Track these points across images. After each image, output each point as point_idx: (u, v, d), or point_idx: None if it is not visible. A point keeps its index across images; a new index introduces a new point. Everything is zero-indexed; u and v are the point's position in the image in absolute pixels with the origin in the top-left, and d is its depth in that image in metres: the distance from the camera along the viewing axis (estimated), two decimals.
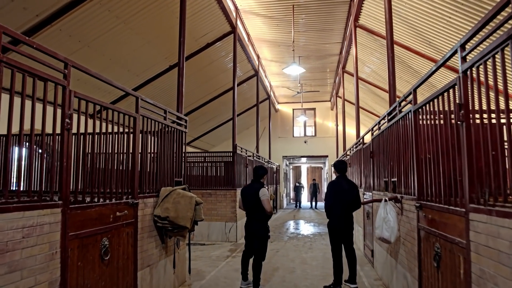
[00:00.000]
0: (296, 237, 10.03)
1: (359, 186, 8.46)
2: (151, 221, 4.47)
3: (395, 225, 4.25)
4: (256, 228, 4.94)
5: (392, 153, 4.89)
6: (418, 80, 3.75)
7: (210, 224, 9.31)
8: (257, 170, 5.11)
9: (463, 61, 2.59)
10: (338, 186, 5.18)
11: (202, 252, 7.93)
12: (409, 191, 4.04)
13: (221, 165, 9.83)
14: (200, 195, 9.39)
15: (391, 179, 4.96)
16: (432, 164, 3.25)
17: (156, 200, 4.62)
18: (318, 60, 14.33)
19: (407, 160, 4.11)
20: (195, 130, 17.10)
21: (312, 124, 21.44)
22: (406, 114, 4.06)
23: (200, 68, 11.51)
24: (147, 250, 4.34)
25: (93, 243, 3.28)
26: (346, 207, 5.13)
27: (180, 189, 4.75)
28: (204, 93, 13.52)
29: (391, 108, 4.94)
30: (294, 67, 10.12)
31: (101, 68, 8.59)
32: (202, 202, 4.76)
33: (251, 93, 16.08)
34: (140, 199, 4.20)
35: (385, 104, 14.38)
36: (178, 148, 5.54)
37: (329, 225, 5.22)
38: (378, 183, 5.97)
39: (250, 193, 4.98)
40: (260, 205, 4.88)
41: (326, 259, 7.17)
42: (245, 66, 13.29)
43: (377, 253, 6.00)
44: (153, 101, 4.59)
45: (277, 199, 18.76)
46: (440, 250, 3.03)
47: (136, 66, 9.60)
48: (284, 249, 8.29)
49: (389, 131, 5.02)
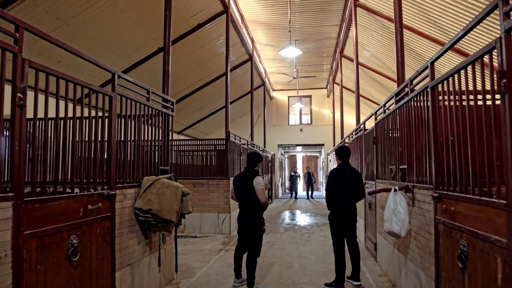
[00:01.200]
0: (292, 229, 9.61)
1: None
2: (132, 215, 3.97)
3: (406, 217, 3.79)
4: (250, 221, 4.47)
5: (401, 138, 4.40)
6: (432, 56, 3.25)
7: (202, 216, 8.84)
8: (251, 156, 4.61)
9: (505, 18, 2.08)
10: (341, 174, 4.70)
11: (193, 246, 7.47)
12: (423, 180, 3.57)
13: (213, 153, 9.33)
14: (192, 185, 8.91)
15: (399, 166, 4.49)
16: (457, 148, 2.77)
17: (138, 191, 4.11)
18: (315, 44, 13.74)
19: (421, 144, 3.63)
20: (188, 118, 16.52)
21: (307, 112, 20.93)
22: (421, 92, 3.56)
23: (191, 52, 10.90)
24: (127, 247, 3.84)
25: (57, 242, 2.77)
26: (349, 198, 4.67)
27: (165, 179, 4.25)
28: (196, 79, 12.92)
29: (401, 87, 4.45)
30: (290, 48, 9.55)
31: (83, 50, 7.93)
32: (190, 192, 4.26)
33: (245, 79, 15.50)
34: (118, 190, 3.69)
35: (384, 91, 13.89)
36: (164, 133, 5.01)
37: (331, 217, 4.76)
38: (383, 171, 5.51)
39: (244, 182, 4.49)
40: (254, 195, 4.40)
41: (325, 252, 6.74)
42: (238, 50, 12.69)
43: (381, 247, 5.57)
44: (133, 79, 4.05)
45: (272, 189, 18.34)
46: (467, 248, 2.56)
47: (122, 48, 8.98)
48: (281, 241, 7.85)
49: (398, 113, 4.53)
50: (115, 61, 9.12)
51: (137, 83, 4.12)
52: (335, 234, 4.73)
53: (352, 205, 4.73)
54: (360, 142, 7.64)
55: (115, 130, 3.65)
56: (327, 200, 4.76)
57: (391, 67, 11.56)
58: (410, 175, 4.04)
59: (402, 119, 4.33)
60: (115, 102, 3.63)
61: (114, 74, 3.68)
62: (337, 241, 4.71)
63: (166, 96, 5.18)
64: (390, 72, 12.03)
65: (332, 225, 4.75)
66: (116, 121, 3.70)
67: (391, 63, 11.22)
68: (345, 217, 4.67)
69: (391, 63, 11.27)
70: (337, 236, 4.71)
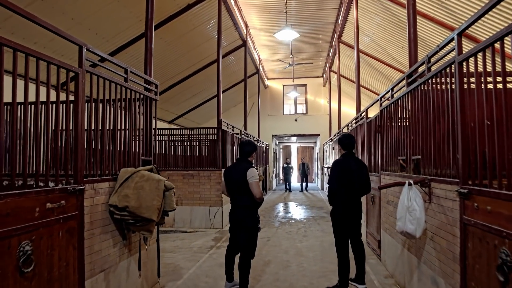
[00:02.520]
0: (288, 222, 9.14)
1: None
2: (106, 213, 3.43)
3: (421, 215, 3.30)
4: (243, 218, 3.94)
5: (414, 125, 3.89)
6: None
7: (192, 209, 8.33)
8: (244, 146, 4.07)
9: None
10: (345, 165, 4.18)
11: (182, 242, 6.96)
12: (445, 172, 3.07)
13: (205, 143, 8.78)
14: (181, 177, 8.37)
15: (411, 156, 3.99)
16: (496, 134, 2.26)
17: (113, 185, 3.56)
18: (311, 29, 13.13)
19: (441, 131, 3.12)
20: (179, 107, 15.90)
21: (303, 101, 20.38)
22: (443, 69, 3.04)
23: (181, 35, 10.24)
24: (100, 250, 3.31)
25: (3, 250, 2.23)
26: (355, 192, 4.17)
27: (145, 171, 3.70)
28: (186, 64, 12.27)
29: (415, 67, 3.92)
30: (286, 31, 8.94)
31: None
32: (173, 187, 3.72)
33: (238, 67, 14.87)
34: (87, 184, 3.13)
35: (383, 79, 13.38)
36: (146, 119, 4.45)
37: (334, 214, 4.26)
38: (389, 162, 5.01)
39: (236, 174, 3.96)
40: (247, 189, 3.87)
41: (324, 249, 6.27)
42: (231, 34, 12.04)
43: (386, 245, 5.10)
44: (106, 54, 3.47)
45: (267, 180, 17.87)
46: (511, 258, 2.07)
47: (105, 29, 8.32)
48: (276, 237, 7.37)
49: (410, 97, 4.01)
50: (98, 43, 8.46)
51: (112, 60, 3.54)
52: (338, 233, 4.23)
53: (357, 200, 4.24)
54: (362, 132, 7.13)
55: (83, 114, 3.08)
56: (329, 194, 4.24)
57: (392, 53, 11.03)
58: (425, 167, 3.54)
59: (416, 103, 3.82)
60: (82, 81, 3.06)
61: (82, 47, 3.09)
62: (340, 240, 4.21)
63: (149, 78, 4.60)
64: (390, 59, 11.51)
65: (334, 222, 4.25)
66: (85, 104, 3.13)
67: (392, 48, 10.68)
68: (350, 214, 4.17)
69: (391, 49, 10.74)
70: (340, 235, 4.22)
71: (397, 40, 9.97)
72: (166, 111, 15.40)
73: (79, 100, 3.04)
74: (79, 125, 3.03)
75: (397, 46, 10.31)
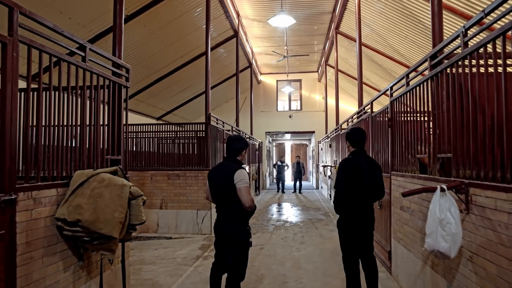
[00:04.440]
0: (283, 226, 8.40)
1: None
2: (52, 229, 2.65)
3: (458, 230, 2.58)
4: (230, 232, 3.19)
5: (441, 116, 3.18)
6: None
7: (178, 213, 7.55)
8: (232, 142, 3.31)
9: None
10: (355, 165, 3.46)
11: (165, 251, 6.19)
12: (492, 175, 2.35)
13: (192, 140, 8.00)
14: (166, 177, 7.59)
15: (437, 154, 3.27)
16: None
17: (64, 192, 2.78)
18: (306, 20, 12.38)
19: (487, 123, 2.40)
20: (167, 102, 15.06)
21: (297, 97, 19.65)
22: (492, 41, 2.31)
23: (167, 22, 9.41)
24: (42, 279, 2.53)
25: None
26: (367, 197, 3.45)
27: (106, 173, 2.92)
28: (173, 56, 11.44)
29: (442, 44, 3.19)
30: (281, 17, 8.17)
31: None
32: (142, 194, 2.95)
33: (230, 60, 14.08)
34: (21, 193, 2.36)
35: (385, 74, 12.70)
36: (114, 110, 3.67)
37: (342, 225, 3.53)
38: (403, 161, 4.30)
39: (221, 177, 3.20)
40: (235, 195, 3.12)
41: (325, 259, 5.55)
42: (222, 24, 11.24)
43: (398, 257, 4.39)
44: (50, 22, 2.68)
45: (260, 179, 17.12)
46: None
47: (80, 14, 7.48)
48: (270, 244, 6.63)
49: (435, 82, 3.29)
50: (73, 29, 7.61)
51: (56, 29, 2.75)
52: (347, 247, 3.50)
53: (370, 208, 3.52)
54: (365, 127, 6.41)
55: (14, 99, 2.30)
56: (337, 200, 3.50)
57: (393, 45, 10.33)
58: (459, 167, 2.82)
59: (444, 89, 3.10)
60: (12, 53, 2.27)
61: (13, 8, 2.31)
62: (349, 256, 3.49)
63: (118, 60, 3.81)
64: (391, 51, 10.81)
65: (343, 234, 3.52)
66: (16, 83, 2.34)
67: (394, 39, 9.98)
68: (362, 224, 3.45)
69: (394, 39, 10.03)
70: (349, 250, 3.49)
71: (400, 29, 9.27)
72: (153, 107, 14.56)
73: (7, 80, 2.25)
74: (7, 112, 2.25)
75: (400, 37, 9.61)
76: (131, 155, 8.00)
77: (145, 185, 7.66)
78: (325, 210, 10.85)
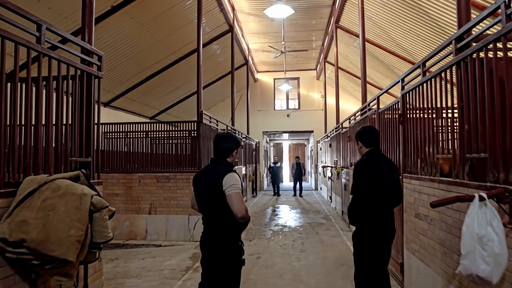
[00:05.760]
0: (282, 231, 7.86)
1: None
2: None
3: (502, 249, 2.04)
4: (218, 249, 2.65)
5: (470, 109, 2.65)
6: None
7: (168, 218, 7.00)
8: (220, 141, 2.75)
9: None
10: (374, 167, 2.96)
11: (153, 261, 5.64)
12: None
13: (183, 140, 7.46)
14: (155, 180, 7.04)
15: (465, 154, 2.74)
16: None
17: (9, 202, 2.23)
18: (304, 14, 11.85)
19: None
20: (160, 101, 14.49)
21: (295, 96, 19.12)
22: None
23: (157, 15, 8.85)
24: None
25: None
26: (388, 204, 2.97)
27: (64, 180, 2.37)
28: (165, 52, 10.87)
29: (474, 22, 2.65)
30: (279, 6, 7.62)
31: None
32: (107, 205, 2.39)
33: (225, 57, 13.53)
34: None
35: (386, 71, 12.17)
36: (83, 103, 3.12)
37: (362, 238, 3.03)
38: (416, 162, 3.77)
39: (208, 181, 2.66)
40: (224, 204, 2.58)
41: (328, 270, 5.02)
42: (216, 17, 10.68)
43: (414, 271, 3.86)
44: None
45: (257, 180, 16.56)
46: None
47: (61, 3, 6.90)
48: (268, 252, 6.09)
49: (463, 69, 2.76)
50: (54, 20, 7.04)
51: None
52: (366, 264, 3.01)
53: (391, 215, 3.02)
54: (371, 124, 5.88)
55: None
56: (354, 208, 3.00)
57: (397, 39, 9.80)
58: (498, 170, 2.29)
59: (475, 77, 2.57)
60: None
61: None
62: (369, 275, 2.98)
63: (86, 45, 3.26)
64: (394, 46, 10.29)
65: (361, 249, 3.02)
66: None
67: (398, 32, 9.45)
68: (386, 237, 2.97)
69: (397, 33, 9.50)
70: (370, 268, 3.00)
71: (404, 22, 8.74)
72: (146, 106, 13.99)
73: None
74: None
75: (404, 30, 9.08)
76: (117, 157, 7.44)
77: (133, 189, 7.11)
78: (325, 213, 10.31)
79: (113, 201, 7.09)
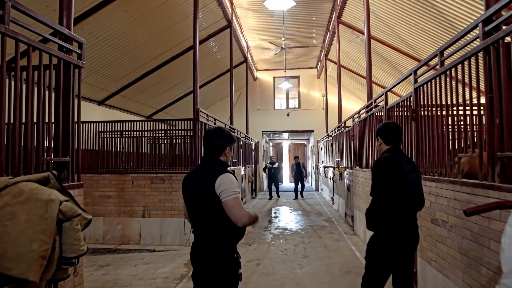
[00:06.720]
0: (282, 235, 7.50)
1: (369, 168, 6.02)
2: None
3: None
4: (211, 263, 2.28)
5: (501, 102, 2.30)
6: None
7: (163, 222, 6.64)
8: (211, 137, 2.38)
9: None
10: (395, 166, 2.64)
11: (145, 268, 5.28)
12: None
13: (178, 140, 7.10)
14: (149, 181, 6.69)
15: (496, 152, 2.38)
16: None
17: None
18: (305, 10, 11.50)
19: None
20: (157, 100, 14.12)
21: (295, 95, 18.76)
22: None
23: (151, 8, 8.48)
24: None
25: None
26: (411, 206, 2.68)
27: (29, 183, 2.01)
28: (161, 48, 10.50)
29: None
30: None
31: None
32: (79, 213, 2.02)
33: (223, 54, 13.17)
34: None
35: (389, 68, 11.83)
36: (60, 96, 2.76)
37: (381, 243, 2.71)
38: (435, 162, 3.41)
39: (197, 184, 2.31)
40: (218, 210, 2.22)
41: (334, 278, 4.66)
42: (213, 12, 10.32)
43: (429, 281, 3.51)
44: None
45: (257, 181, 16.19)
46: None
47: None
48: (268, 258, 5.73)
49: (493, 54, 2.41)
50: (44, 12, 6.58)
51: None
52: (377, 268, 2.70)
53: (414, 220, 2.71)
54: (377, 122, 5.53)
55: None
56: (373, 211, 2.70)
57: (401, 34, 9.45)
58: None
59: (508, 63, 2.22)
60: None
61: None
62: (377, 277, 2.67)
63: (65, 30, 2.90)
64: (398, 41, 9.93)
65: (377, 256, 2.72)
66: None
67: (402, 28, 9.10)
68: (410, 243, 2.71)
69: (401, 29, 9.15)
70: (380, 270, 2.70)
71: (409, 16, 8.38)
72: (142, 105, 13.61)
73: None
74: None
75: (409, 25, 8.72)
76: (110, 156, 7.09)
77: (125, 190, 6.74)
78: (327, 216, 9.95)
79: (105, 204, 6.74)
